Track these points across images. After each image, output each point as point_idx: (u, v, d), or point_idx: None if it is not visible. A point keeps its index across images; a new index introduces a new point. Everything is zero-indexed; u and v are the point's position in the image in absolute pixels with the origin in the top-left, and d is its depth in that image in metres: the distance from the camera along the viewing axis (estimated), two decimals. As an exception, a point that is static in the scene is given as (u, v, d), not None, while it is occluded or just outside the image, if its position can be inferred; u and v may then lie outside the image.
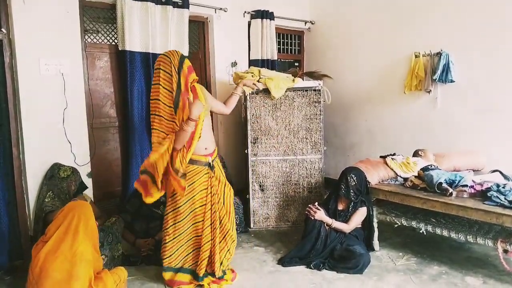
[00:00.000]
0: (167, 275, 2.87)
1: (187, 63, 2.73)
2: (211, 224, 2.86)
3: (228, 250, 2.94)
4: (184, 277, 2.88)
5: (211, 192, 2.87)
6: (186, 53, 4.13)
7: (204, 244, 2.84)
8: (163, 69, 2.68)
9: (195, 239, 2.89)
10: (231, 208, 3.00)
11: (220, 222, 2.90)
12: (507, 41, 3.69)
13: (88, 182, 3.57)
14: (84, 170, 3.56)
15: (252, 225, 4.08)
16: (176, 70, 2.66)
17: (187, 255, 2.91)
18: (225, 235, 2.92)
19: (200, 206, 2.86)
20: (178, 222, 2.84)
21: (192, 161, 2.80)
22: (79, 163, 3.50)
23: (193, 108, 2.63)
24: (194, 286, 2.88)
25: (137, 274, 3.06)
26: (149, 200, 2.75)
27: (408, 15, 4.42)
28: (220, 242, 2.89)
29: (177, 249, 2.87)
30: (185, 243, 2.89)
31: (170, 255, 2.86)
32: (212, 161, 2.90)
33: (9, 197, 3.13)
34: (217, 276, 2.87)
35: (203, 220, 2.86)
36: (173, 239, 2.85)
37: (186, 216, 2.85)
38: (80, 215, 2.54)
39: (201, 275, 2.84)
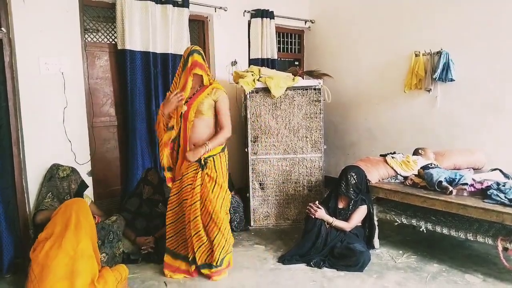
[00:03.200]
0: (166, 258, 3.03)
1: (194, 58, 2.86)
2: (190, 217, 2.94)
3: (212, 250, 2.92)
4: (179, 263, 3.01)
5: (194, 188, 2.90)
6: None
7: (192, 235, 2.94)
8: (180, 63, 2.97)
9: (195, 236, 2.94)
10: (212, 212, 2.89)
11: (195, 218, 2.90)
12: (507, 40, 3.69)
13: (89, 181, 3.57)
14: (85, 169, 3.56)
15: (252, 223, 4.08)
16: (183, 64, 2.90)
17: (183, 242, 3.02)
18: (198, 232, 2.90)
19: (185, 200, 2.95)
20: (171, 209, 3.02)
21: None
22: (79, 162, 3.51)
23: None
24: (187, 274, 2.97)
25: (138, 272, 3.06)
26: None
27: (408, 14, 4.42)
28: (193, 235, 2.91)
29: (174, 234, 3.03)
30: (180, 230, 3.03)
31: (168, 237, 3.04)
32: (205, 159, 2.89)
33: (9, 196, 3.14)
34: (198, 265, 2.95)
35: (194, 219, 2.92)
36: (170, 223, 3.03)
37: (176, 206, 3.01)
38: (78, 211, 2.56)
39: (199, 263, 2.95)
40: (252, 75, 3.93)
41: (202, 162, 2.88)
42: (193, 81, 2.90)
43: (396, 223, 3.28)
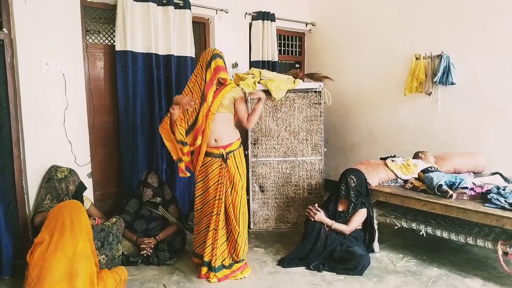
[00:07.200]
0: (194, 259, 3.18)
1: (217, 62, 2.99)
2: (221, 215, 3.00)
3: (236, 242, 3.00)
4: (202, 269, 3.01)
5: (221, 183, 2.99)
6: (191, 54, 4.13)
7: (220, 236, 2.99)
8: (199, 62, 3.10)
9: (213, 231, 2.99)
10: (237, 204, 3.02)
11: (226, 213, 3.01)
12: (507, 43, 3.70)
13: (88, 182, 3.57)
14: (85, 171, 3.56)
15: (252, 226, 4.08)
16: (205, 65, 3.02)
17: (204, 243, 3.04)
18: (230, 226, 3.01)
19: (213, 199, 3.01)
20: (197, 210, 3.11)
21: (206, 153, 3.05)
22: (79, 164, 3.51)
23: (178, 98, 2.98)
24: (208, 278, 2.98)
25: (137, 274, 3.06)
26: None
27: (409, 17, 4.42)
28: (223, 234, 3.00)
29: (198, 234, 3.12)
30: (203, 230, 3.09)
31: (195, 238, 3.16)
32: (227, 154, 3.00)
33: (9, 197, 3.13)
34: (215, 267, 2.95)
35: (217, 214, 2.99)
36: (197, 223, 3.13)
37: (202, 207, 3.09)
38: (73, 213, 2.54)
39: (216, 266, 2.95)
40: (253, 77, 3.93)
41: (225, 156, 3.00)
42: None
43: (396, 227, 3.28)
